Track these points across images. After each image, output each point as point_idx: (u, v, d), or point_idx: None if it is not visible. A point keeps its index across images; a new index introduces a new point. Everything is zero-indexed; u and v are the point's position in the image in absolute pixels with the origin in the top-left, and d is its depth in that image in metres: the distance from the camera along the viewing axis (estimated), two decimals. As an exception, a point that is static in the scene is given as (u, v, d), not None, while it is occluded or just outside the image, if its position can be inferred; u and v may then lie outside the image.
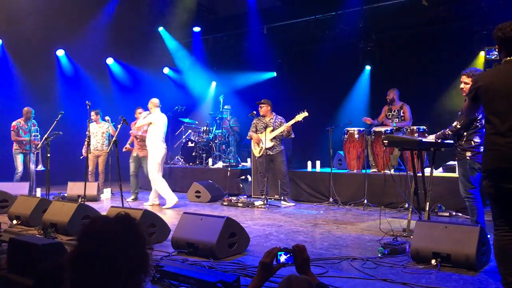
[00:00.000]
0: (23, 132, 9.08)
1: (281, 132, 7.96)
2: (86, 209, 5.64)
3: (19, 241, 3.32)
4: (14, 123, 9.09)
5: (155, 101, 7.97)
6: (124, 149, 8.85)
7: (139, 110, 8.85)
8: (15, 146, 9.07)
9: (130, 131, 9.02)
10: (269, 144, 7.97)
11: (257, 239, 5.14)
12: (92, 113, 9.28)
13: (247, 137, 8.84)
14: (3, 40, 10.70)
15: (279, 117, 8.21)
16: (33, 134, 9.15)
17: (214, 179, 9.35)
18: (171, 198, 7.78)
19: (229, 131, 11.02)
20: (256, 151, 8.32)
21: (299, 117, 7.81)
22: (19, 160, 9.04)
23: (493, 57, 3.99)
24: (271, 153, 8.04)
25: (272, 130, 7.98)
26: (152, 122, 7.87)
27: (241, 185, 9.29)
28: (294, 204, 8.00)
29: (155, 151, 7.81)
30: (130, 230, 1.57)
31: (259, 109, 8.22)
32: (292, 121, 7.86)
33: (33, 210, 5.90)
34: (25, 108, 9.22)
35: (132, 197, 8.77)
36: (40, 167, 9.26)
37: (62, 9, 10.32)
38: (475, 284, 3.51)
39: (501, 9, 8.56)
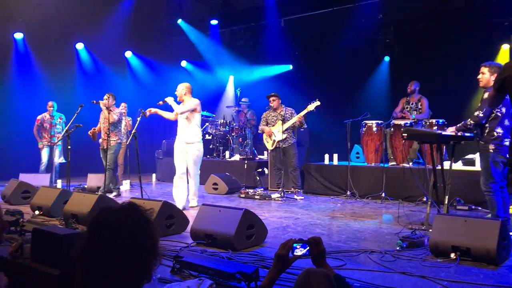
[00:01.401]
0: (48, 126, 9.36)
1: (294, 123, 7.93)
2: (106, 200, 5.73)
3: (42, 231, 3.38)
4: (38, 117, 9.50)
5: (190, 86, 6.90)
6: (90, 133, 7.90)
7: (105, 97, 7.87)
8: (42, 138, 9.48)
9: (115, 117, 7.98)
10: (282, 136, 7.95)
11: (275, 231, 5.15)
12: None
13: (258, 131, 8.83)
14: (25, 34, 10.86)
15: (288, 108, 8.19)
16: (58, 126, 9.47)
17: (231, 171, 9.39)
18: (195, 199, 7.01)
19: (246, 124, 11.04)
20: (268, 144, 8.32)
21: (311, 106, 7.69)
22: (44, 152, 9.46)
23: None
24: (284, 146, 8.04)
25: (284, 122, 7.96)
26: (197, 109, 6.81)
27: (257, 178, 9.32)
28: (303, 197, 7.95)
29: (199, 143, 6.85)
30: (136, 216, 1.61)
31: (271, 102, 8.19)
32: (304, 111, 7.77)
33: (55, 201, 6.03)
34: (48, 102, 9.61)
35: (115, 193, 8.01)
36: (62, 160, 9.50)
37: (82, 3, 10.43)
38: (495, 278, 3.47)
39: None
